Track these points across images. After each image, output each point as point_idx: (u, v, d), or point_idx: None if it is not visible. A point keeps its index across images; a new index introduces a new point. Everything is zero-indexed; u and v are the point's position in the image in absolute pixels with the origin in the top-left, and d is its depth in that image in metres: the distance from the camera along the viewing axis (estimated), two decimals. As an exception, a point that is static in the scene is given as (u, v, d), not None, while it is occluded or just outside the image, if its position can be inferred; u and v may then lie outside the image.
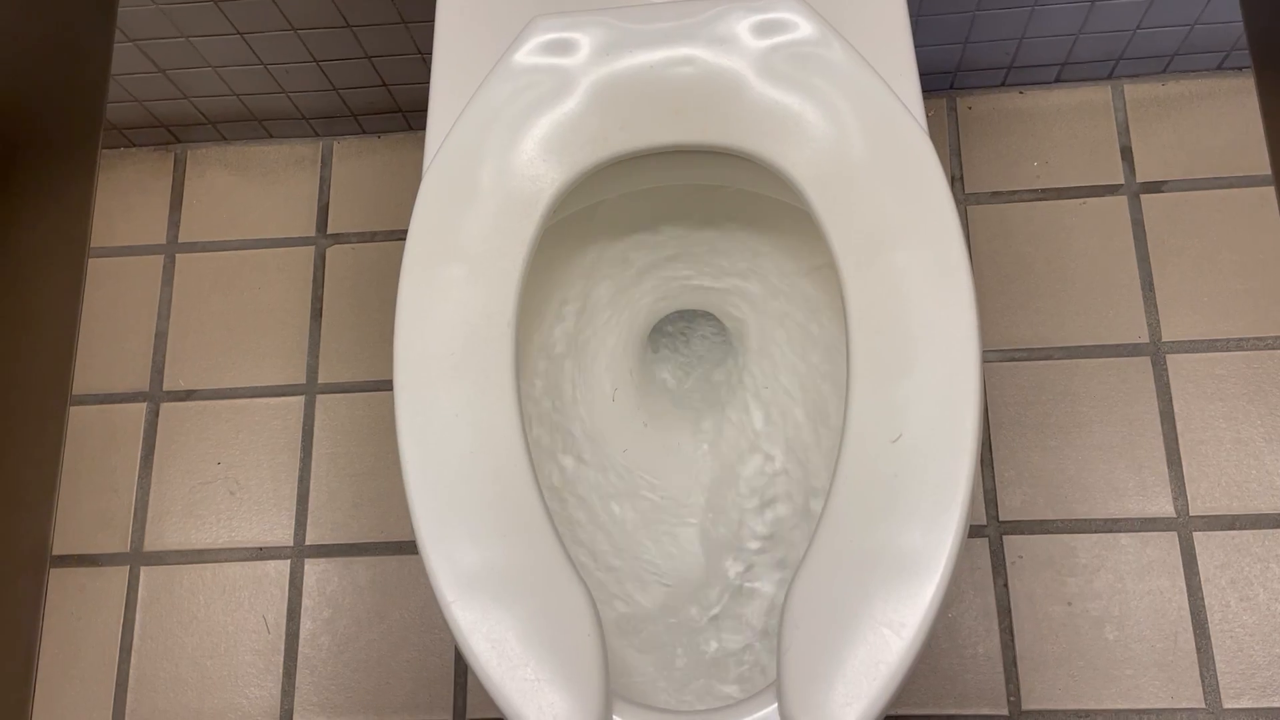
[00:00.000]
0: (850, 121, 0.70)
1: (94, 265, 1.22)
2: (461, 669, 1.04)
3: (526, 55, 0.73)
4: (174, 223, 1.23)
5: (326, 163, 1.24)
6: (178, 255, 1.22)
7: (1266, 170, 1.10)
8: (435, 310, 0.69)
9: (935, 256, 0.67)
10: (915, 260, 0.67)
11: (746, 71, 0.71)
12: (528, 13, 0.75)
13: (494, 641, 0.61)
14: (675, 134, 0.72)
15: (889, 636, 0.60)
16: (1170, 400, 1.05)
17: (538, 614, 0.62)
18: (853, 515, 0.62)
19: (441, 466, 0.65)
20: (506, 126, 0.72)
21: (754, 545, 0.83)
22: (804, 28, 0.71)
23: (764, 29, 0.72)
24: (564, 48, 0.73)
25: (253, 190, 1.23)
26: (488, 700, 0.62)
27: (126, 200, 1.24)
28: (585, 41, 0.73)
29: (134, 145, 1.25)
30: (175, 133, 1.23)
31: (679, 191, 0.83)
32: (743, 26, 0.72)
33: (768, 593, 0.81)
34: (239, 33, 1.06)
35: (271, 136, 1.24)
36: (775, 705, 0.61)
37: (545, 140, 0.72)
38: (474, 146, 0.72)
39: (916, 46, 0.71)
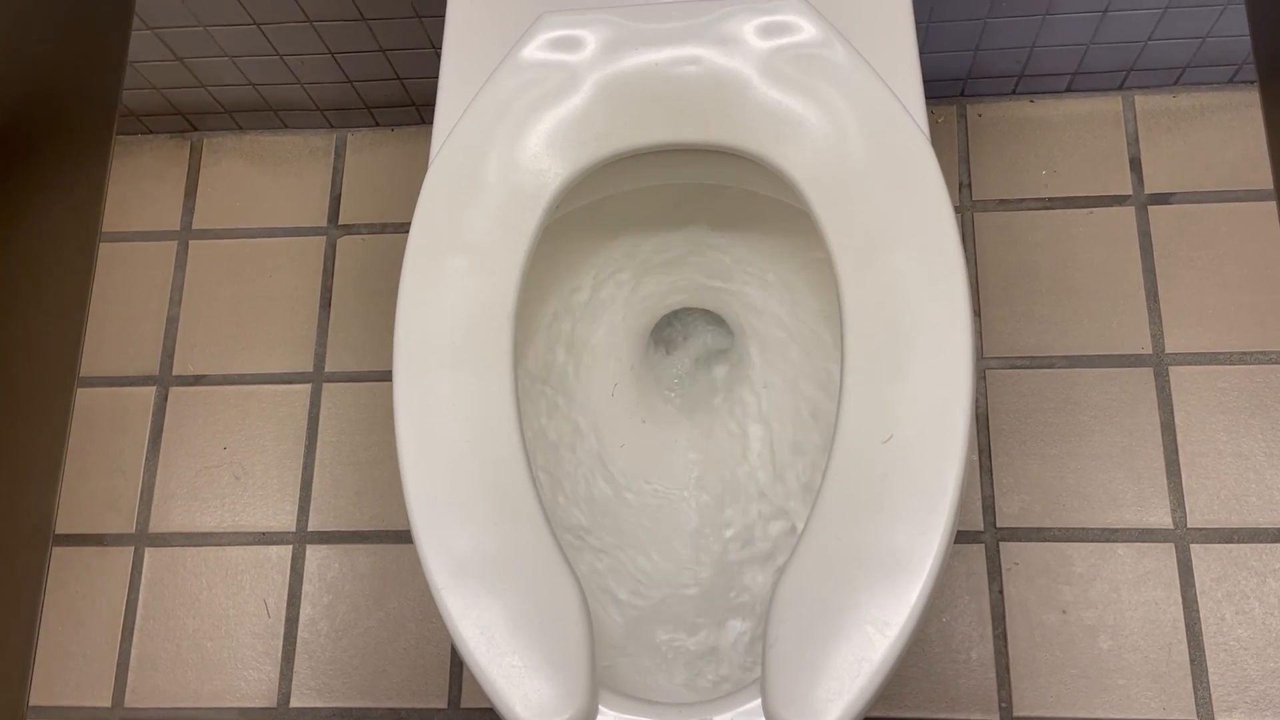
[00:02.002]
0: (851, 124, 0.70)
1: (108, 250, 1.23)
2: (457, 658, 1.05)
3: (534, 51, 0.74)
4: (188, 210, 1.25)
5: (339, 154, 1.25)
6: (191, 242, 1.23)
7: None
8: (437, 300, 0.70)
9: (932, 260, 0.67)
10: (912, 263, 0.67)
11: (750, 72, 0.72)
12: (537, 9, 0.76)
13: (483, 628, 0.62)
14: (679, 132, 0.72)
15: (874, 635, 0.60)
16: (1171, 412, 1.05)
17: (528, 603, 0.63)
18: (842, 513, 0.63)
19: (437, 453, 0.66)
20: (512, 121, 0.73)
21: (749, 541, 0.84)
22: (808, 30, 0.72)
23: (768, 30, 0.72)
24: (571, 44, 0.74)
25: (266, 180, 1.25)
26: (482, 690, 0.63)
27: (142, 186, 1.26)
28: (592, 39, 0.74)
29: (151, 132, 1.27)
30: (192, 121, 1.25)
31: (682, 190, 0.84)
32: (747, 28, 0.72)
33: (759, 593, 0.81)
34: (256, 23, 1.08)
35: (286, 127, 1.25)
36: (759, 700, 0.61)
37: (550, 135, 0.72)
38: (480, 139, 0.73)
39: (928, 53, 0.72)
